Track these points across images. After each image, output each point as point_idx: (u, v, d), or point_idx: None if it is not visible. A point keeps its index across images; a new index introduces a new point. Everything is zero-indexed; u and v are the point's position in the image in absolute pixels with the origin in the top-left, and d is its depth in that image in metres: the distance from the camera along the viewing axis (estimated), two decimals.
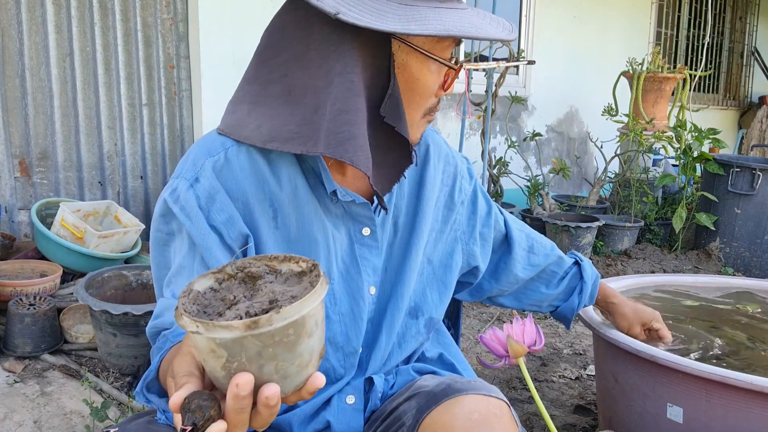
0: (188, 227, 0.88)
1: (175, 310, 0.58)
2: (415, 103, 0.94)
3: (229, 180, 0.91)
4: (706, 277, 2.11)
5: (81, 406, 1.91)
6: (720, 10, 7.65)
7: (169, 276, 0.91)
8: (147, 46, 3.25)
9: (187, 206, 0.89)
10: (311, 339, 0.58)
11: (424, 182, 1.08)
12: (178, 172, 0.92)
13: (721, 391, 1.32)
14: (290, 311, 0.55)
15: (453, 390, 0.92)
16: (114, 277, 2.32)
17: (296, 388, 0.60)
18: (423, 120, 0.97)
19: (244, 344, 0.55)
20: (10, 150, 2.90)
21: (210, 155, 0.91)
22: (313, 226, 0.95)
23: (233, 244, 0.90)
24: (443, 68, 0.94)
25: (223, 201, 0.90)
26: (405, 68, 0.92)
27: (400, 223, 1.06)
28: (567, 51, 5.42)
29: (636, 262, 3.73)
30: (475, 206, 1.18)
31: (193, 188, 0.89)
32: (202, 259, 0.88)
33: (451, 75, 0.96)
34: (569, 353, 2.54)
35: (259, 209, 0.93)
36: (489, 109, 3.63)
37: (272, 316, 0.54)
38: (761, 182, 3.63)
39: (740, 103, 8.14)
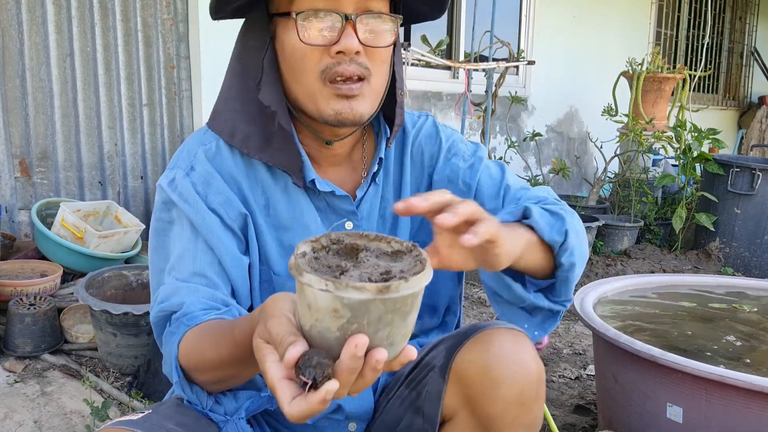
0: (187, 212, 0.92)
1: (290, 267, 0.60)
2: (301, 69, 0.90)
3: (222, 166, 0.97)
4: (705, 277, 2.11)
5: (81, 405, 1.91)
6: (720, 10, 7.64)
7: (171, 262, 0.93)
8: (147, 47, 3.25)
9: (185, 192, 0.93)
10: (416, 312, 0.62)
11: (403, 169, 1.07)
12: (174, 163, 0.97)
13: (720, 391, 1.33)
14: (415, 282, 0.59)
15: (480, 327, 0.95)
16: (114, 277, 2.32)
17: (393, 357, 0.62)
18: (327, 88, 0.90)
19: (370, 307, 0.57)
20: (11, 150, 2.90)
21: (202, 144, 0.98)
22: (305, 216, 0.99)
23: (233, 224, 0.94)
24: (321, 24, 0.88)
25: (218, 184, 0.95)
26: (280, 40, 0.93)
27: (387, 216, 1.06)
28: (567, 51, 5.42)
29: (636, 262, 3.73)
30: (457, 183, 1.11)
31: (189, 176, 0.95)
32: (205, 242, 0.92)
33: (338, 29, 0.88)
34: (569, 353, 2.54)
35: (251, 195, 0.97)
36: (489, 109, 3.63)
37: (401, 283, 0.57)
38: (761, 182, 3.63)
39: (740, 103, 8.14)
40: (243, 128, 0.96)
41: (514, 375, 0.87)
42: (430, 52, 3.39)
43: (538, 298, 0.93)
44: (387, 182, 1.06)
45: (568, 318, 2.93)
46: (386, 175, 1.06)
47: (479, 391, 0.89)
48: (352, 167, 1.04)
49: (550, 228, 0.89)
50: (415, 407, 0.98)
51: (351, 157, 1.04)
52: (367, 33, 0.90)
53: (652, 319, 1.79)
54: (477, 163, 1.07)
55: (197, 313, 0.87)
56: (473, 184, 1.06)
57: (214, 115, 0.99)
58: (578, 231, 0.95)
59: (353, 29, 0.87)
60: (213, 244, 0.92)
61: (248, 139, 0.95)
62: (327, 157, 1.01)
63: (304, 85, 0.91)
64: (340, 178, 1.02)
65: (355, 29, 0.87)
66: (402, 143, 1.08)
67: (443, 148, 1.08)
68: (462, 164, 1.07)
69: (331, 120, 0.91)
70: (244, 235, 0.97)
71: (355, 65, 0.88)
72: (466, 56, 4.68)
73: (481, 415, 0.90)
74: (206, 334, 0.83)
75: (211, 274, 0.92)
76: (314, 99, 0.91)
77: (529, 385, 0.88)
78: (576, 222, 0.96)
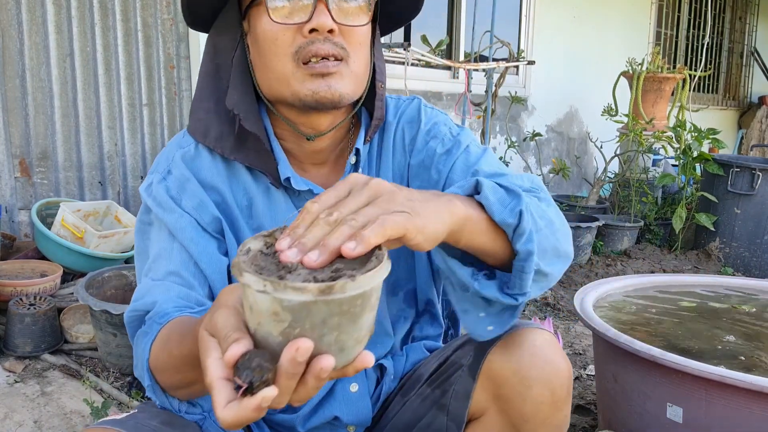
0: (162, 216, 0.92)
1: (232, 266, 0.56)
2: (272, 54, 0.87)
3: (201, 169, 0.95)
4: (705, 277, 2.11)
5: (81, 405, 1.91)
6: (720, 10, 7.64)
7: (149, 263, 0.93)
8: (147, 47, 3.25)
9: (159, 197, 0.93)
10: (372, 313, 0.57)
11: (383, 157, 1.03)
12: (153, 168, 0.98)
13: (720, 391, 1.33)
14: (364, 281, 0.53)
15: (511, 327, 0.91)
16: (114, 277, 2.32)
17: (346, 364, 0.57)
18: (301, 69, 0.86)
19: (312, 310, 0.52)
20: (11, 150, 2.90)
21: (180, 147, 0.97)
22: (286, 215, 0.97)
23: (208, 227, 0.93)
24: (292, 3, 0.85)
25: (193, 188, 0.93)
26: (253, 31, 0.90)
27: None
28: (567, 51, 5.42)
29: (636, 262, 3.73)
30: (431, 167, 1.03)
31: (165, 180, 0.94)
32: (180, 244, 0.91)
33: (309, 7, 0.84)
34: (569, 353, 2.54)
35: (233, 197, 0.96)
36: (489, 109, 3.63)
37: (347, 283, 0.52)
38: (761, 182, 3.63)
39: (740, 104, 8.14)
40: (216, 128, 0.94)
41: (547, 375, 0.88)
42: (430, 52, 3.39)
43: (485, 287, 0.80)
44: (370, 173, 1.02)
45: (568, 318, 2.93)
46: (369, 166, 1.02)
47: (511, 392, 0.89)
48: (336, 166, 1.01)
49: (502, 206, 0.76)
50: (440, 405, 0.98)
51: (336, 154, 1.00)
52: (340, 12, 0.86)
53: (652, 320, 1.78)
54: (455, 148, 1.00)
55: (170, 310, 0.85)
56: (445, 172, 0.98)
57: (190, 116, 0.97)
58: (545, 217, 0.83)
59: (326, 7, 0.84)
60: (188, 245, 0.90)
61: (222, 138, 0.93)
62: (309, 155, 0.97)
63: (277, 71, 0.87)
64: (324, 176, 0.99)
65: (327, 8, 0.84)
66: (383, 130, 1.03)
67: (422, 131, 1.02)
68: (439, 149, 1.00)
69: (309, 101, 0.86)
70: (223, 237, 0.95)
71: (330, 44, 0.85)
72: (466, 56, 4.68)
73: (512, 415, 0.91)
74: (175, 329, 0.79)
75: (186, 274, 0.90)
76: (288, 82, 0.87)
77: (560, 385, 0.89)
78: (545, 208, 0.85)
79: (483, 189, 0.76)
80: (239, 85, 0.92)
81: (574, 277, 3.45)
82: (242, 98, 0.91)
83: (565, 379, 0.89)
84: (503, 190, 0.78)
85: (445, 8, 4.72)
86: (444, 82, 4.58)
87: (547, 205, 0.87)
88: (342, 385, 1.01)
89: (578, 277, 3.47)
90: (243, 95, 0.92)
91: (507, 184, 0.79)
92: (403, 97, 1.07)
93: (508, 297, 0.80)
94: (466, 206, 0.73)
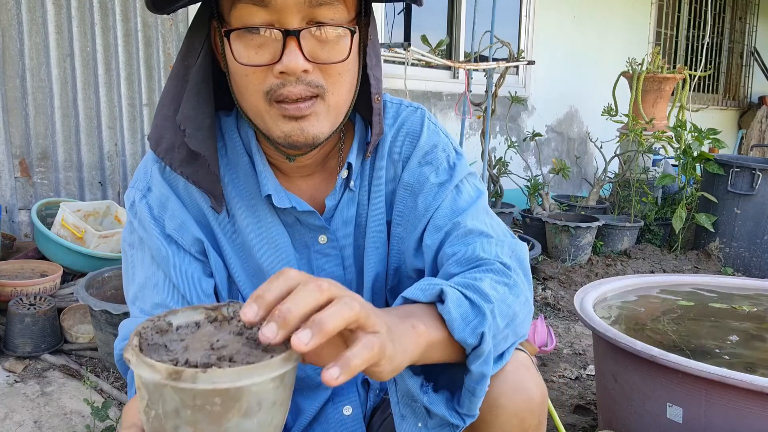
0: (146, 239, 0.87)
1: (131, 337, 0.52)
2: (244, 87, 0.80)
3: (178, 183, 0.89)
4: (705, 277, 2.11)
5: (81, 405, 1.91)
6: (720, 11, 7.65)
7: (134, 291, 0.89)
8: (147, 47, 3.25)
9: (142, 218, 0.88)
10: (247, 421, 0.48)
11: (377, 168, 0.94)
12: (134, 180, 0.91)
13: (720, 391, 1.33)
14: (219, 376, 0.46)
15: None
16: (114, 277, 2.32)
17: None
18: (273, 108, 0.78)
19: (164, 394, 0.47)
20: (11, 150, 2.90)
21: (156, 161, 0.90)
22: (272, 231, 0.91)
23: (191, 249, 0.88)
24: (258, 41, 0.76)
25: (174, 207, 0.88)
26: (227, 50, 0.81)
27: (360, 224, 0.95)
28: (567, 51, 5.42)
29: (636, 262, 3.73)
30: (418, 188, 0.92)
31: (146, 198, 0.88)
32: (164, 273, 0.87)
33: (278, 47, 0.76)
34: (569, 353, 2.54)
35: (213, 213, 0.89)
36: (489, 109, 3.63)
37: (197, 373, 0.46)
38: (761, 182, 3.63)
39: (740, 104, 8.15)
40: (170, 137, 0.84)
41: (515, 403, 0.80)
42: (430, 52, 3.39)
43: (433, 403, 0.74)
44: (362, 184, 0.94)
45: (568, 318, 2.93)
46: (362, 177, 0.94)
47: (479, 419, 0.80)
48: (326, 176, 0.94)
49: (464, 323, 0.70)
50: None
51: (325, 166, 0.93)
52: (315, 47, 0.77)
53: (652, 320, 1.79)
54: (448, 183, 0.91)
55: None
56: (432, 207, 0.90)
57: (153, 120, 0.90)
58: (508, 314, 0.77)
59: (297, 46, 0.75)
60: (172, 275, 0.86)
61: (172, 150, 0.84)
62: (294, 169, 0.90)
63: (250, 104, 0.81)
64: (312, 190, 0.93)
65: (299, 46, 0.75)
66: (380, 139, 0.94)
67: (419, 151, 0.93)
68: (432, 178, 0.91)
69: (281, 142, 0.80)
70: (206, 257, 0.90)
71: (302, 86, 0.76)
72: (466, 56, 4.68)
73: None
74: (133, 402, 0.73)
75: (173, 305, 0.87)
76: (262, 119, 0.80)
77: (530, 413, 0.81)
78: (513, 300, 0.79)
79: (447, 300, 0.70)
80: (193, 97, 0.83)
81: (574, 277, 3.45)
82: (193, 112, 0.83)
83: (536, 406, 0.82)
84: (468, 303, 0.73)
85: (445, 8, 4.72)
86: (444, 82, 4.59)
87: (516, 295, 0.80)
88: (335, 407, 0.97)
89: (578, 277, 3.47)
90: (194, 108, 0.83)
91: (472, 296, 0.73)
92: (406, 103, 0.98)
93: (456, 417, 0.74)
94: (428, 328, 0.68)
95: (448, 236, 0.87)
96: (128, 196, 0.91)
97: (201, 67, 0.83)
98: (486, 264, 0.82)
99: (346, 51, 0.79)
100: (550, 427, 1.78)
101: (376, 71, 0.88)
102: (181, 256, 0.87)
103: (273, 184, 0.88)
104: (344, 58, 0.79)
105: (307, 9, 0.75)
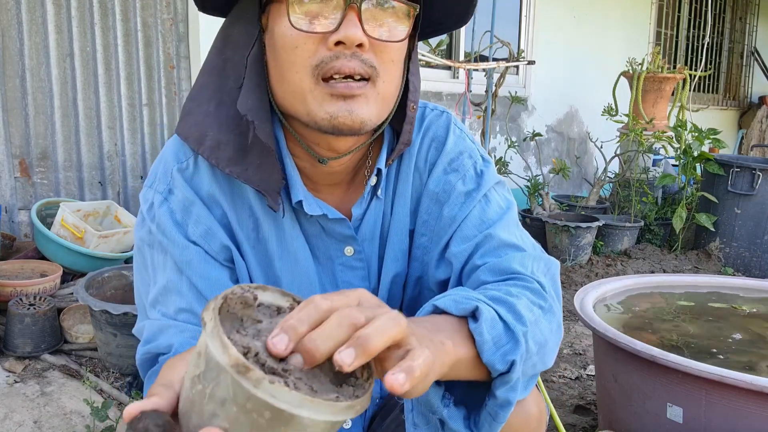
0: (167, 246, 0.82)
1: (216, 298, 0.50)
2: (290, 64, 0.75)
3: (202, 186, 0.83)
4: (705, 277, 2.11)
5: (81, 406, 1.91)
6: (720, 10, 7.64)
7: (155, 294, 0.83)
8: (147, 46, 3.25)
9: (163, 223, 0.82)
10: None
11: (401, 176, 0.90)
12: (152, 179, 0.86)
13: (721, 391, 1.33)
14: (282, 394, 0.44)
15: None
16: (114, 277, 2.32)
17: None
18: (320, 87, 0.74)
19: (221, 379, 0.45)
20: (10, 150, 2.90)
21: (178, 161, 0.84)
22: (295, 242, 0.86)
23: (217, 256, 0.83)
24: (319, 7, 0.73)
25: (199, 212, 0.82)
26: (270, 31, 0.78)
27: (383, 233, 0.91)
28: (567, 51, 5.42)
29: (636, 262, 3.73)
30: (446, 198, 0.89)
31: (168, 201, 0.83)
32: (189, 280, 0.82)
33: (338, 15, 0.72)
34: (569, 353, 2.54)
35: (237, 218, 0.85)
36: (489, 109, 3.63)
37: (264, 380, 0.44)
38: (761, 182, 3.63)
39: (740, 104, 8.15)
40: (214, 135, 0.80)
41: (511, 423, 0.75)
42: (431, 51, 3.39)
43: (453, 417, 0.70)
44: (387, 193, 0.90)
45: (568, 318, 2.93)
46: (387, 188, 0.90)
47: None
48: (354, 184, 0.89)
49: (495, 347, 0.67)
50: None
51: (354, 176, 0.89)
52: (374, 24, 0.74)
53: (653, 320, 1.79)
54: (476, 191, 0.87)
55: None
56: (460, 216, 0.86)
57: (183, 118, 0.83)
58: (540, 340, 0.73)
59: (357, 16, 0.72)
60: (197, 281, 0.81)
61: (219, 147, 0.80)
62: (323, 175, 0.86)
63: (293, 84, 0.75)
64: (339, 198, 0.88)
65: (359, 17, 0.72)
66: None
67: (445, 157, 0.89)
68: (459, 186, 0.88)
69: (325, 126, 0.74)
70: (233, 264, 0.86)
71: (357, 61, 0.72)
72: (466, 56, 4.68)
73: None
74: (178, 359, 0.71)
75: (200, 311, 0.82)
76: (305, 100, 0.75)
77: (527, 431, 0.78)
78: (546, 325, 0.75)
79: (481, 319, 0.66)
80: (254, 89, 0.79)
81: (574, 277, 3.44)
82: (257, 104, 0.78)
83: (534, 424, 0.77)
84: (502, 325, 0.68)
85: None
86: (444, 82, 4.59)
87: (549, 321, 0.77)
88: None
89: (578, 277, 3.47)
90: (258, 101, 0.79)
91: (509, 314, 0.69)
92: (431, 106, 0.94)
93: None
94: (456, 346, 0.63)
95: (479, 248, 0.83)
96: (145, 196, 0.85)
97: (256, 59, 0.79)
98: (522, 280, 0.78)
99: (404, 33, 0.76)
100: (550, 427, 1.78)
101: (416, 80, 0.86)
102: (208, 262, 0.82)
103: (303, 190, 0.83)
104: (402, 39, 0.76)
105: None
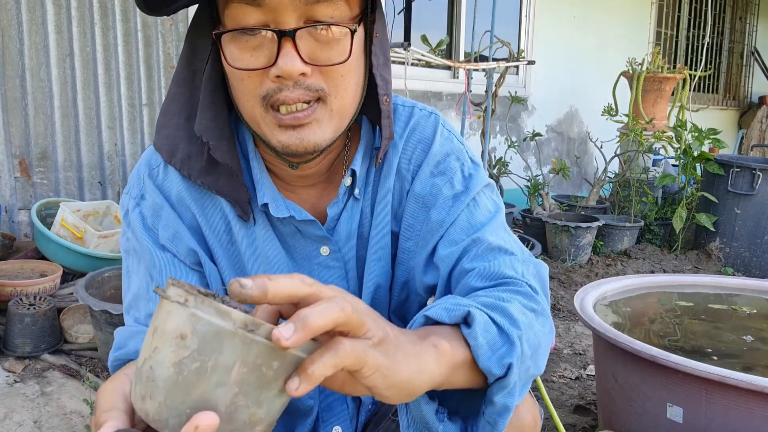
0: (139, 250, 0.84)
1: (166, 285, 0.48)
2: (240, 92, 0.75)
3: (171, 191, 0.85)
4: (705, 277, 2.11)
5: (81, 405, 1.91)
6: (720, 10, 7.65)
7: (129, 300, 0.86)
8: (147, 47, 3.25)
9: (136, 228, 0.84)
10: (281, 398, 0.48)
11: (383, 176, 0.88)
12: (128, 186, 0.88)
13: (721, 391, 1.33)
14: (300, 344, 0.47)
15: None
16: (114, 277, 2.32)
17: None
18: (269, 115, 0.73)
19: (225, 344, 0.45)
20: (10, 150, 2.90)
21: (149, 166, 0.86)
22: (267, 243, 0.86)
23: (185, 260, 0.85)
24: (253, 43, 0.71)
25: (168, 216, 0.84)
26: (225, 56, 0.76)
27: (363, 234, 0.90)
28: (567, 51, 5.42)
29: (636, 262, 3.73)
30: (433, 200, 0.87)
31: (139, 206, 0.85)
32: (158, 285, 0.83)
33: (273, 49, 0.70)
34: (569, 353, 2.54)
35: (208, 221, 0.85)
36: (489, 109, 3.63)
37: (273, 330, 0.45)
38: (761, 182, 3.63)
39: (740, 103, 8.15)
40: (185, 147, 0.81)
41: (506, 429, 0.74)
42: (430, 52, 3.39)
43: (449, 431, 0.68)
44: (367, 192, 0.88)
45: (568, 318, 2.93)
46: (366, 185, 0.88)
47: None
48: (330, 183, 0.88)
49: (491, 351, 0.64)
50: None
51: (330, 173, 0.88)
52: (314, 48, 0.71)
53: (653, 320, 1.79)
54: (464, 195, 0.85)
55: None
56: (447, 221, 0.84)
57: (158, 130, 0.83)
58: (534, 343, 0.71)
59: (293, 47, 0.69)
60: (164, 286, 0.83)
61: (190, 159, 0.80)
62: (296, 177, 0.85)
63: (246, 110, 0.75)
64: (315, 197, 0.88)
65: (296, 47, 0.69)
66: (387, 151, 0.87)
67: (431, 159, 0.87)
68: (446, 190, 0.85)
69: (280, 150, 0.75)
70: (202, 268, 0.87)
71: (300, 90, 0.71)
72: (466, 56, 4.68)
73: None
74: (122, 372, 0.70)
75: None
76: (259, 126, 0.75)
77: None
78: (539, 327, 0.73)
79: (474, 324, 0.64)
80: (209, 106, 0.79)
81: (574, 277, 3.44)
82: (212, 122, 0.79)
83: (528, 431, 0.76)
84: (496, 328, 0.66)
85: (445, 8, 4.72)
86: (444, 82, 4.59)
87: (542, 324, 0.75)
88: (325, 427, 0.94)
89: (578, 277, 3.47)
90: (213, 119, 0.79)
91: (502, 317, 0.68)
92: (420, 106, 0.91)
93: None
94: (453, 348, 0.62)
95: (467, 252, 0.81)
96: (122, 203, 0.88)
97: (211, 73, 0.79)
98: (513, 284, 0.76)
99: (347, 51, 0.72)
100: (550, 427, 1.78)
101: (384, 71, 0.82)
102: (175, 266, 0.84)
103: (271, 192, 0.83)
104: (345, 59, 0.72)
105: (303, 7, 0.69)
